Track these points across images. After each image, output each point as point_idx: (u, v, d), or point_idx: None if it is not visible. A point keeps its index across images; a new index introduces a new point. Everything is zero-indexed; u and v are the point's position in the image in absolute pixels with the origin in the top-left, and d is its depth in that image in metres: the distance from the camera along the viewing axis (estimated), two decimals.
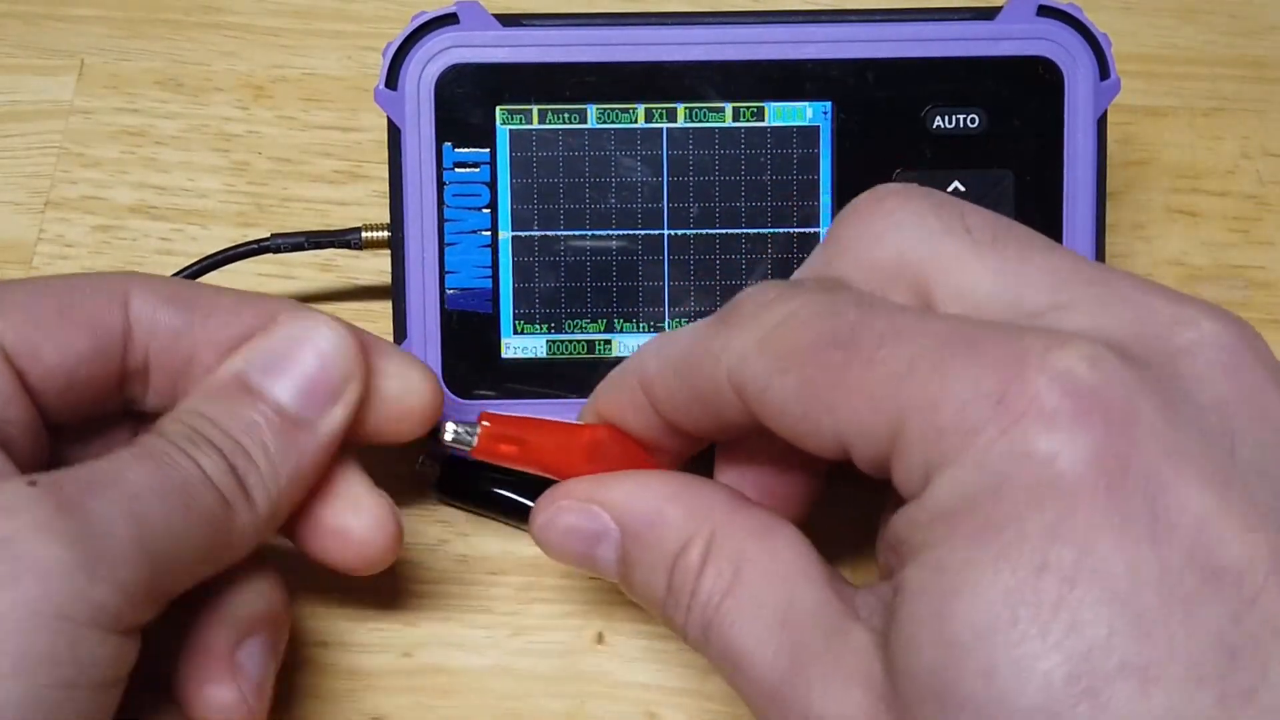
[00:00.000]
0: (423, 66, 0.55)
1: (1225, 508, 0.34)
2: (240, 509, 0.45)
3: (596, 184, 0.55)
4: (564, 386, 0.56)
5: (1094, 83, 0.55)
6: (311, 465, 0.48)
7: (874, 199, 0.44)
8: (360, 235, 0.58)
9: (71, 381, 0.48)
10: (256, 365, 0.48)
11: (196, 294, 0.50)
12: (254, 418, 0.47)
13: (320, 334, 0.48)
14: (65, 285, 0.49)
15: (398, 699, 0.55)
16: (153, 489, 0.43)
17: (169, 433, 0.45)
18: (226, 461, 0.45)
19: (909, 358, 0.37)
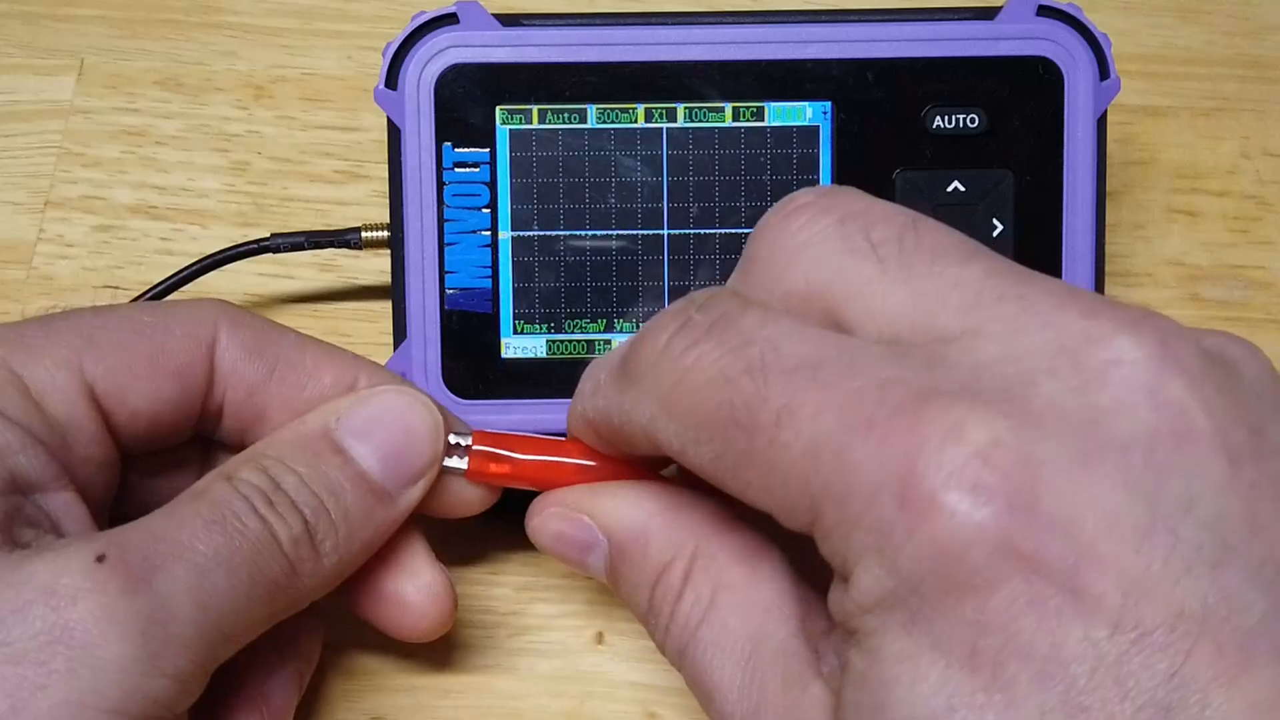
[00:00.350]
0: (423, 66, 0.55)
1: (1148, 565, 0.33)
2: (305, 574, 0.45)
3: (596, 184, 0.55)
4: (564, 386, 0.55)
5: (1094, 83, 0.55)
6: (382, 536, 0.48)
7: (781, 217, 0.42)
8: (360, 235, 0.58)
9: (154, 424, 0.48)
10: (349, 427, 0.48)
11: (280, 347, 0.50)
12: (340, 480, 0.47)
13: (416, 412, 0.49)
14: (160, 328, 0.48)
15: (398, 699, 0.55)
16: (220, 562, 0.43)
17: (245, 483, 0.45)
18: (305, 524, 0.45)
19: (810, 442, 0.36)
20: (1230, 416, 0.35)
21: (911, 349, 0.38)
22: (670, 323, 0.40)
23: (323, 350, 0.51)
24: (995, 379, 0.36)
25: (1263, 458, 0.35)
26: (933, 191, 0.56)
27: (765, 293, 0.41)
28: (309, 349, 0.50)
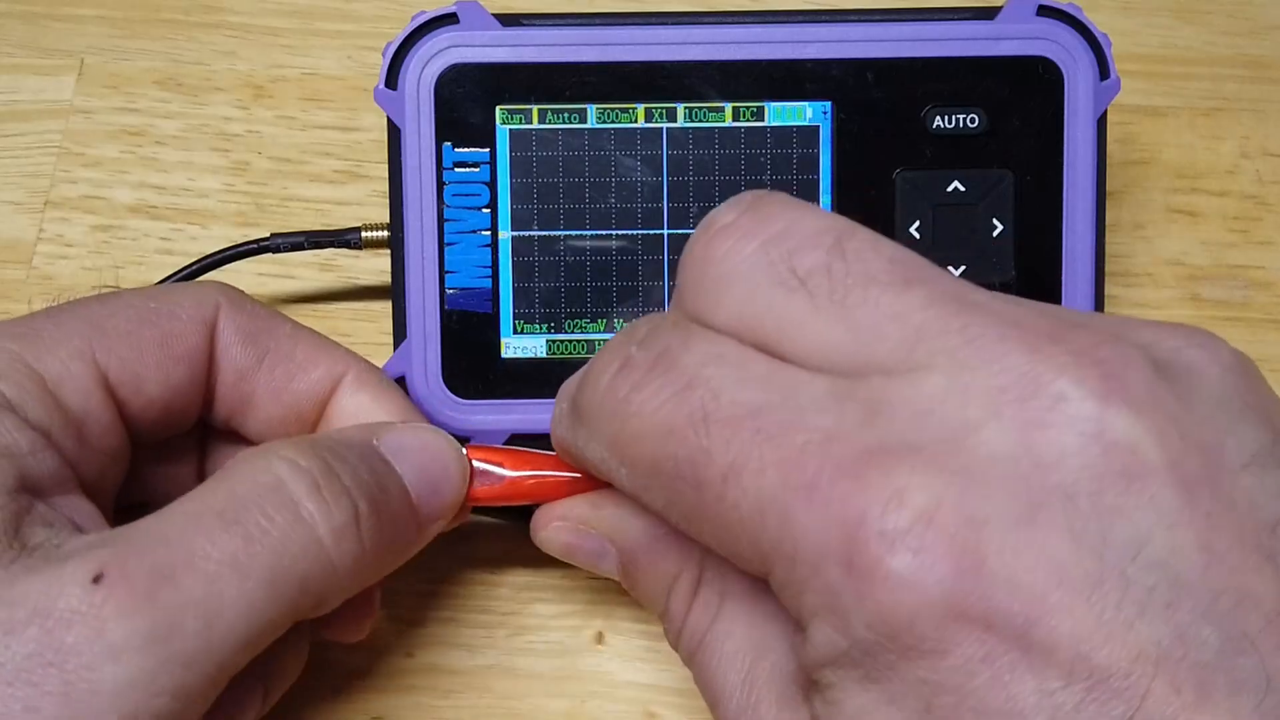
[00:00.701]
0: (423, 66, 0.55)
1: (1100, 613, 0.33)
2: (344, 570, 0.44)
3: (596, 184, 0.55)
4: None
5: (1094, 83, 0.55)
6: (399, 561, 0.48)
7: (704, 243, 0.40)
8: (360, 235, 0.58)
9: (167, 411, 0.48)
10: (393, 448, 0.47)
11: (274, 336, 0.50)
12: (390, 485, 0.46)
13: (450, 452, 0.49)
14: (164, 312, 0.48)
15: (398, 699, 0.55)
16: (236, 568, 0.41)
17: (287, 467, 0.44)
18: (356, 515, 0.44)
19: (756, 501, 0.36)
20: (1184, 442, 0.35)
21: (854, 388, 0.37)
22: (611, 361, 0.40)
23: (316, 342, 0.51)
24: (938, 426, 0.35)
25: (1219, 481, 0.35)
26: (933, 191, 0.56)
27: (698, 330, 0.40)
28: (302, 340, 0.50)
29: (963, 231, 0.56)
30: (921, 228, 0.56)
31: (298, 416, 0.50)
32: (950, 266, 0.56)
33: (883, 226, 0.55)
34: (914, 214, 0.56)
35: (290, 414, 0.50)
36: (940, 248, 0.56)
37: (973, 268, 0.56)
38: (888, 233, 0.55)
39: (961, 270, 0.56)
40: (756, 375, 0.38)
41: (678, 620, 0.44)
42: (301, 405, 0.50)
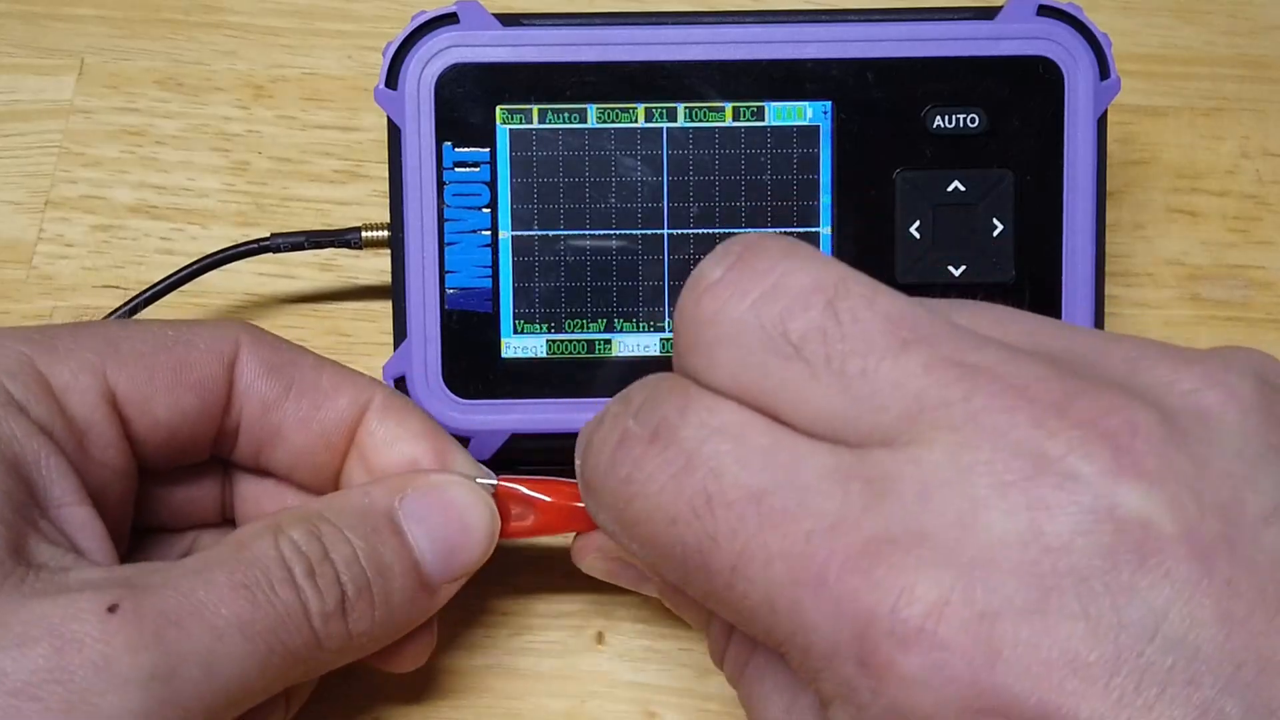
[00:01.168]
0: (423, 66, 0.55)
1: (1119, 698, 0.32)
2: (330, 649, 0.45)
3: (596, 184, 0.55)
4: (564, 387, 0.56)
5: (1094, 82, 0.55)
6: (416, 623, 0.49)
7: (694, 300, 0.39)
8: (360, 235, 0.58)
9: (173, 436, 0.49)
10: (413, 512, 0.48)
11: (298, 367, 0.50)
12: (393, 563, 0.47)
13: (477, 510, 0.49)
14: (183, 341, 0.49)
15: (398, 699, 0.55)
16: (241, 630, 0.42)
17: (292, 544, 0.45)
18: (342, 600, 0.45)
19: (765, 593, 0.36)
20: (1200, 507, 0.34)
21: (858, 464, 0.36)
22: (610, 435, 0.40)
23: (340, 372, 0.51)
24: (943, 508, 0.35)
25: (1239, 541, 0.34)
26: (933, 191, 0.56)
27: (695, 393, 0.39)
28: (326, 370, 0.51)
29: (963, 231, 0.56)
30: (921, 228, 0.56)
31: (327, 445, 0.50)
32: (950, 266, 0.56)
33: (883, 226, 0.55)
34: (914, 214, 0.56)
35: (319, 442, 0.50)
36: (940, 248, 0.56)
37: (973, 268, 0.56)
38: (888, 233, 0.55)
39: (962, 270, 0.56)
40: (758, 449, 0.37)
41: (719, 648, 0.44)
42: (330, 433, 0.50)
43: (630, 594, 0.56)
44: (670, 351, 0.54)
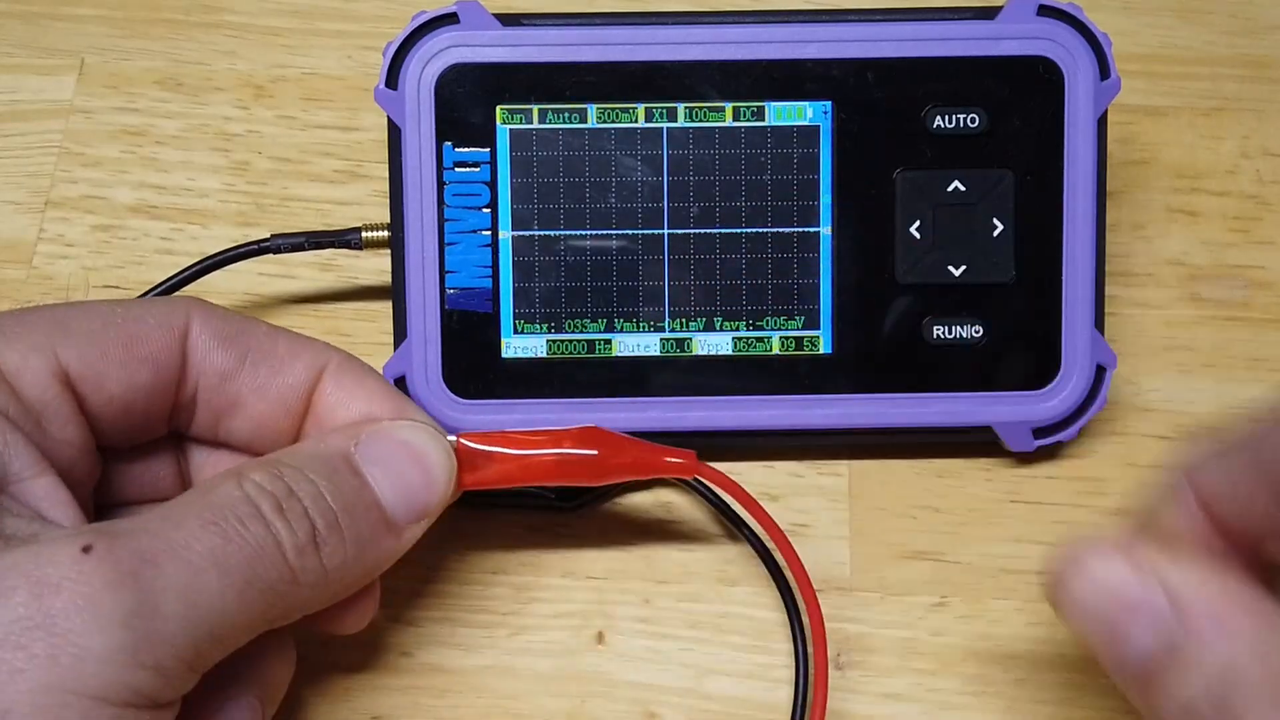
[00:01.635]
0: (423, 66, 0.55)
1: None
2: (307, 584, 0.45)
3: (597, 183, 0.56)
4: (564, 386, 0.56)
5: (1094, 82, 0.56)
6: (382, 566, 0.49)
7: None
8: (360, 235, 0.58)
9: (129, 411, 0.48)
10: (369, 455, 0.48)
11: (251, 336, 0.50)
12: (356, 502, 0.47)
13: (433, 451, 0.49)
14: (133, 318, 0.49)
15: (397, 699, 0.55)
16: (216, 563, 0.42)
17: (256, 485, 0.45)
18: (314, 534, 0.45)
19: None
20: None
21: None
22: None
23: (295, 339, 0.51)
24: None
25: None
26: (933, 191, 0.56)
27: None
28: (281, 338, 0.50)
29: (963, 231, 0.56)
30: (921, 228, 0.56)
31: (286, 411, 0.50)
32: (950, 266, 0.56)
33: (883, 226, 0.56)
34: (914, 214, 0.56)
35: (278, 409, 0.50)
36: (940, 247, 0.56)
37: (973, 268, 0.56)
38: (888, 233, 0.56)
39: (962, 270, 0.56)
40: None
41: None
42: (288, 399, 0.50)
43: (630, 594, 0.56)
44: (669, 352, 0.54)
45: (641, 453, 0.51)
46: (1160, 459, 0.59)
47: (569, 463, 0.50)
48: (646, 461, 0.52)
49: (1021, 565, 0.57)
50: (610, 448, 0.51)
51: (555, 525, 0.58)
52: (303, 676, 0.55)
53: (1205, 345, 0.61)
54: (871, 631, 0.56)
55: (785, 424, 0.57)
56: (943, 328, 0.56)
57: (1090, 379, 0.57)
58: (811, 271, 0.56)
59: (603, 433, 0.51)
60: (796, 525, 0.58)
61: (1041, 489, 0.59)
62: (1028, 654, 0.56)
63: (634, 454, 0.51)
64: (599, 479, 0.51)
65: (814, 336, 0.56)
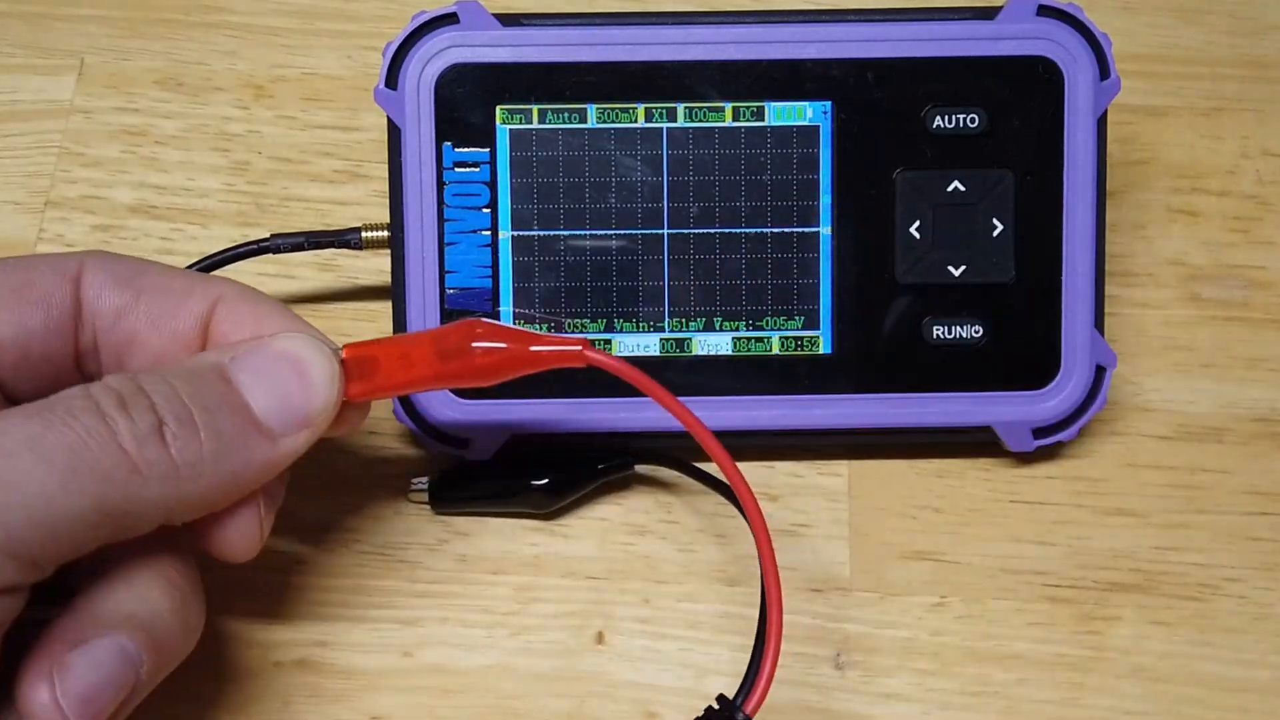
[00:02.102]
0: (423, 66, 0.55)
1: None
2: (155, 476, 0.43)
3: (596, 184, 0.56)
4: (563, 387, 0.56)
5: (1094, 82, 0.56)
6: (255, 474, 0.47)
7: None
8: (360, 235, 0.58)
9: (26, 355, 0.48)
10: (243, 365, 0.47)
11: (145, 275, 0.49)
12: (219, 401, 0.46)
13: (313, 359, 0.48)
14: (22, 264, 0.49)
15: (398, 699, 0.55)
16: (30, 448, 0.41)
17: (103, 386, 0.44)
18: (160, 426, 0.44)
19: None
20: None
21: None
22: None
23: (191, 275, 0.50)
24: None
25: None
26: (933, 191, 0.56)
27: None
28: (177, 275, 0.50)
29: (963, 231, 0.56)
30: (921, 228, 0.56)
31: (184, 344, 0.49)
32: (950, 266, 0.56)
33: (883, 226, 0.56)
34: (914, 214, 0.56)
35: (175, 342, 0.49)
36: (940, 248, 0.56)
37: (973, 268, 0.56)
38: (888, 233, 0.56)
39: (962, 270, 0.56)
40: None
41: None
42: (183, 331, 0.49)
43: (630, 594, 0.56)
44: (669, 352, 0.54)
45: (524, 339, 0.49)
46: (1160, 459, 0.59)
47: (450, 355, 0.48)
48: (529, 355, 0.49)
49: (1021, 565, 0.57)
50: (490, 338, 0.49)
51: (555, 525, 0.58)
52: (303, 676, 0.55)
53: (1205, 345, 0.61)
54: (871, 631, 0.56)
55: (785, 424, 0.57)
56: (942, 328, 0.56)
57: (1090, 379, 0.57)
58: (811, 271, 0.56)
59: (486, 324, 0.49)
60: (796, 525, 0.58)
61: (1041, 489, 0.59)
62: (1028, 654, 0.56)
63: (516, 340, 0.49)
64: (487, 377, 0.49)
65: (814, 336, 0.56)
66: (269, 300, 0.50)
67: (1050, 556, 0.58)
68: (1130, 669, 0.56)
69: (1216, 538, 0.58)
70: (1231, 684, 0.56)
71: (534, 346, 0.48)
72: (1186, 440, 0.60)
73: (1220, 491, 0.59)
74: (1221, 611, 0.57)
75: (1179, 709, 0.55)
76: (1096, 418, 0.58)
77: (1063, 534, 0.58)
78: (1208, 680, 0.56)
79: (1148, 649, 0.56)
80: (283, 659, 0.55)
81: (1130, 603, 0.57)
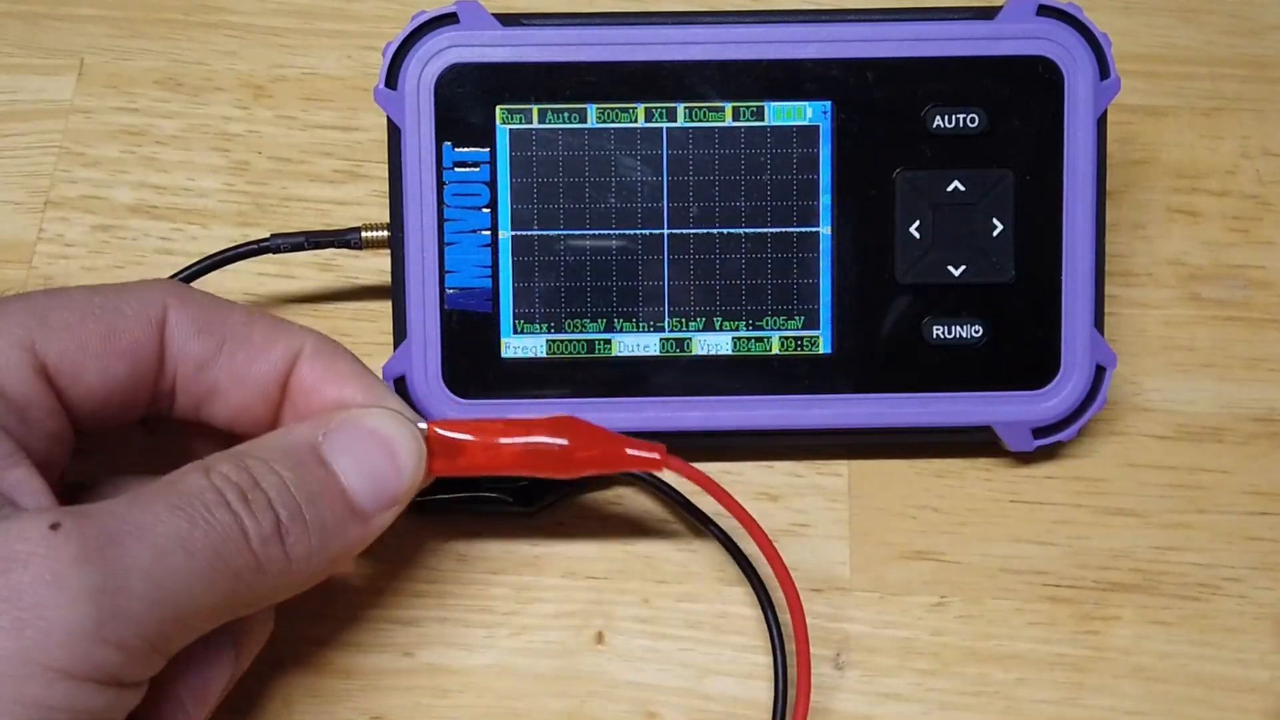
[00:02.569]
0: (423, 66, 0.55)
1: None
2: (272, 573, 0.45)
3: (596, 183, 0.56)
4: (564, 386, 0.56)
5: (1094, 82, 0.56)
6: (351, 553, 0.49)
7: None
8: (360, 235, 0.58)
9: (107, 402, 0.48)
10: (336, 445, 0.48)
11: (228, 324, 0.50)
12: (321, 492, 0.47)
13: (402, 438, 0.49)
14: (110, 306, 0.48)
15: (398, 699, 0.55)
16: (182, 546, 0.42)
17: (222, 476, 0.45)
18: (278, 525, 0.45)
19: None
20: None
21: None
22: None
23: (271, 323, 0.51)
24: None
25: None
26: (933, 191, 0.56)
27: None
28: (258, 324, 0.50)
29: (963, 231, 0.56)
30: (921, 228, 0.56)
31: (264, 398, 0.50)
32: (950, 266, 0.56)
33: (882, 226, 0.56)
34: (914, 214, 0.56)
35: (255, 395, 0.50)
36: (940, 247, 0.56)
37: (972, 267, 0.56)
38: (888, 233, 0.56)
39: (962, 270, 0.56)
40: None
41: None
42: (265, 386, 0.50)
43: (630, 594, 0.56)
44: (669, 352, 0.55)
45: (611, 445, 0.51)
46: (1160, 459, 0.59)
47: (538, 452, 0.50)
48: (616, 454, 0.51)
49: (1021, 565, 0.57)
50: (581, 438, 0.51)
51: (555, 525, 0.58)
52: (303, 676, 0.55)
53: (1205, 345, 0.61)
54: (871, 631, 0.56)
55: (785, 424, 0.57)
56: (942, 328, 0.56)
57: (1090, 379, 0.57)
58: (811, 271, 0.56)
59: (576, 422, 0.51)
60: (796, 525, 0.58)
61: (1041, 489, 0.59)
62: (1028, 654, 0.56)
63: (604, 446, 0.51)
64: (569, 471, 0.51)
65: (814, 336, 0.56)
66: (347, 354, 0.51)
67: (1050, 556, 0.58)
68: (1130, 669, 0.56)
69: (1216, 538, 0.58)
70: (1231, 684, 0.56)
71: (629, 450, 0.51)
72: (1186, 440, 0.60)
73: (1220, 491, 0.59)
74: (1221, 611, 0.57)
75: (1179, 709, 0.55)
76: (1096, 417, 0.58)
77: (1063, 534, 0.58)
78: (1208, 680, 0.56)
79: (1148, 649, 0.56)
80: (283, 659, 0.55)
81: (1130, 603, 0.57)
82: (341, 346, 0.52)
